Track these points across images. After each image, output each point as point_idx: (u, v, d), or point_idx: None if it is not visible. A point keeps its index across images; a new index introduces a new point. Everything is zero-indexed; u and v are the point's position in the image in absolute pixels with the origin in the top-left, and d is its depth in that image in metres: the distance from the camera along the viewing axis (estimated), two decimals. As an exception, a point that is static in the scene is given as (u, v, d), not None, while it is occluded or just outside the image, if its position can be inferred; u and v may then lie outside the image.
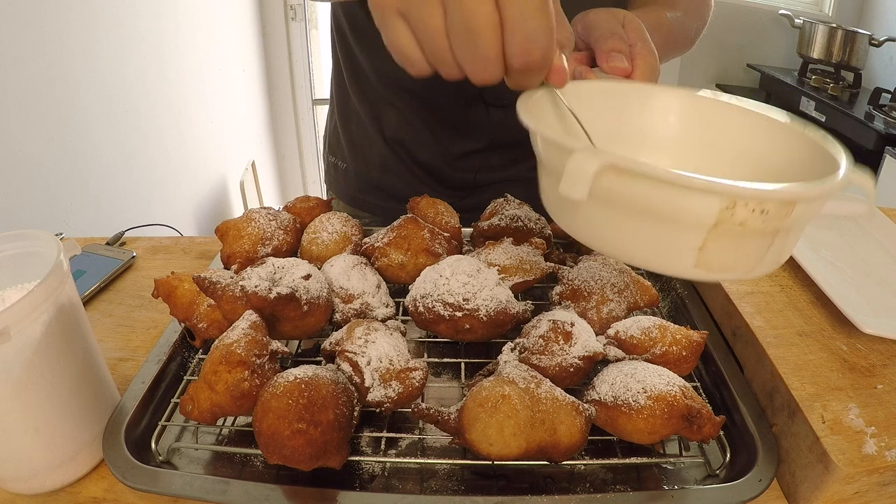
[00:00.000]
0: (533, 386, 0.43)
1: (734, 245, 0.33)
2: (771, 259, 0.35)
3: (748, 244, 0.33)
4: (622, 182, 0.32)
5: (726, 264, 0.34)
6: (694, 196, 0.30)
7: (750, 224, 0.31)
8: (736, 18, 2.38)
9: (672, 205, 0.31)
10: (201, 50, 1.95)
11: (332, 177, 0.92)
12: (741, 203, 0.30)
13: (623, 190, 0.32)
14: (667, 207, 0.31)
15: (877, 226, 0.70)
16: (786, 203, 0.31)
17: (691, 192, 0.30)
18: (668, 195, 0.31)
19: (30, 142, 1.17)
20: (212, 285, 0.49)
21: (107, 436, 0.44)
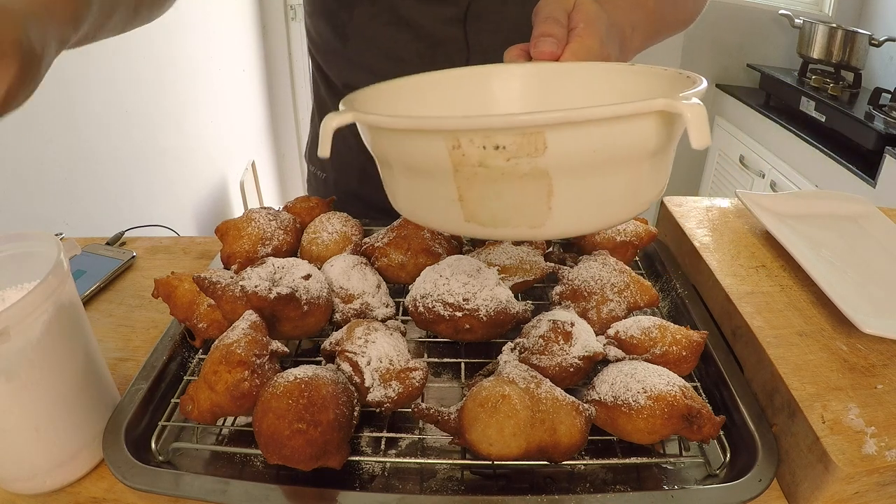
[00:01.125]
0: (533, 386, 0.43)
1: (494, 192, 0.30)
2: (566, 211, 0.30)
3: (512, 190, 0.29)
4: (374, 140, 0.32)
5: (497, 216, 0.30)
6: (418, 139, 0.29)
7: (493, 164, 0.28)
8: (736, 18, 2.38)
9: (409, 153, 0.30)
10: (201, 50, 1.95)
11: (312, 186, 0.92)
12: (465, 140, 0.28)
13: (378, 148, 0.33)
14: (407, 157, 0.30)
15: (877, 226, 0.70)
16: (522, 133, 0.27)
17: (414, 135, 0.29)
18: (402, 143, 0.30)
19: (30, 142, 1.17)
20: (212, 285, 0.49)
21: (107, 436, 0.44)
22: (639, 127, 0.29)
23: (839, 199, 0.74)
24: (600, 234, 0.64)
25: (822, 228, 0.68)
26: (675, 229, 0.70)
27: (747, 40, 2.43)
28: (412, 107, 0.42)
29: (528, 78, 0.45)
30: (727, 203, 0.75)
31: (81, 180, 1.33)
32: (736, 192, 0.71)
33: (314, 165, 0.90)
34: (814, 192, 1.02)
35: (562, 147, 0.27)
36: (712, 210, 0.73)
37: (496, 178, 0.29)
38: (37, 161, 1.19)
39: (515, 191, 0.29)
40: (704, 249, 0.64)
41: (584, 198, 0.30)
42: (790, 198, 0.73)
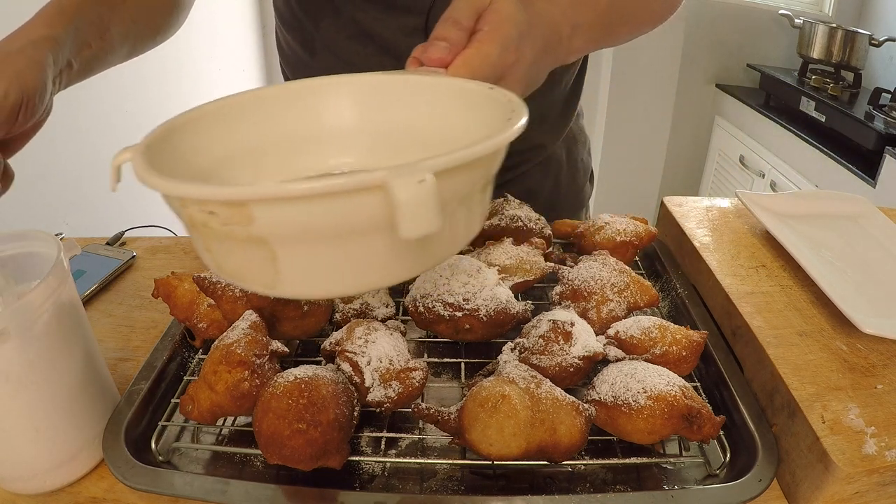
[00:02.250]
0: (533, 386, 0.43)
1: (226, 249, 0.30)
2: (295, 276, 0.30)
3: (239, 251, 0.29)
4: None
5: (237, 271, 0.31)
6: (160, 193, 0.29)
7: (213, 226, 0.28)
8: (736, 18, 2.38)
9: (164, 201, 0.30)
10: (201, 50, 1.95)
11: None
12: (189, 203, 0.28)
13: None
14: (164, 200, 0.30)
15: (877, 226, 0.70)
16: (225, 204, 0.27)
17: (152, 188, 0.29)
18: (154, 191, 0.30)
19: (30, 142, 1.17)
20: (212, 285, 0.49)
21: (107, 436, 0.44)
22: (358, 202, 0.26)
23: (839, 199, 0.74)
24: (600, 234, 0.64)
25: (822, 228, 0.68)
26: (675, 229, 0.70)
27: (747, 40, 2.43)
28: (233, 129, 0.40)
29: (366, 95, 0.41)
30: (727, 203, 0.75)
31: (81, 180, 1.33)
32: (736, 192, 0.71)
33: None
34: (814, 192, 1.02)
35: (270, 219, 0.27)
36: (712, 210, 0.73)
37: (222, 239, 0.29)
38: (37, 161, 1.19)
39: (242, 252, 0.29)
40: (704, 249, 0.64)
41: (315, 265, 0.29)
42: (790, 198, 0.73)
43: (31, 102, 0.46)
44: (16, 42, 0.49)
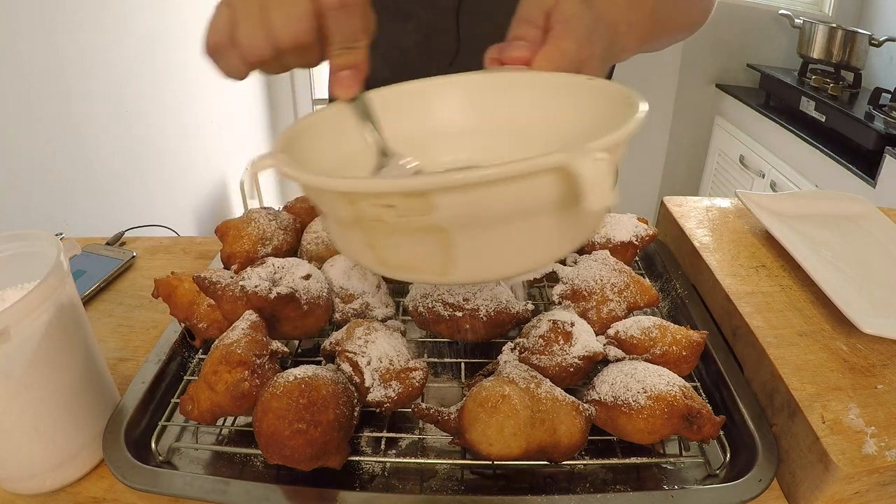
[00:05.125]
0: (533, 386, 0.43)
1: (397, 242, 0.30)
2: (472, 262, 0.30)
3: (413, 242, 0.30)
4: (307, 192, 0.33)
5: (406, 263, 0.31)
6: (322, 192, 0.30)
7: (388, 219, 0.28)
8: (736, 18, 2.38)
9: (324, 203, 0.31)
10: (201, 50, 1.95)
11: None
12: (360, 198, 0.29)
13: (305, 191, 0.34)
14: (324, 205, 0.32)
15: (877, 226, 0.70)
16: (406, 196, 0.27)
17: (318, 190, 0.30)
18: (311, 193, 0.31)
19: (30, 142, 1.17)
20: (212, 285, 0.49)
21: (107, 436, 0.44)
22: (535, 184, 0.28)
23: (839, 199, 0.74)
24: (600, 233, 0.64)
25: (822, 228, 0.68)
26: (675, 229, 0.70)
27: (747, 40, 2.43)
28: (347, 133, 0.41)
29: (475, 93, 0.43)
30: (727, 203, 0.75)
31: (81, 180, 1.33)
32: (736, 192, 0.71)
33: None
34: (814, 192, 1.02)
35: (451, 207, 0.27)
36: (712, 210, 0.73)
37: (394, 232, 0.30)
38: (37, 161, 1.19)
39: (415, 243, 0.30)
40: (704, 249, 0.64)
41: (490, 248, 0.30)
42: (790, 198, 0.73)
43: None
44: None
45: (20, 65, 1.13)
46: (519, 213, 0.29)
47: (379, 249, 0.31)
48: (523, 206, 0.29)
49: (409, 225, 0.29)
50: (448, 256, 0.30)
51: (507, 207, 0.28)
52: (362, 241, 0.32)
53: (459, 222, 0.28)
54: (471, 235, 0.29)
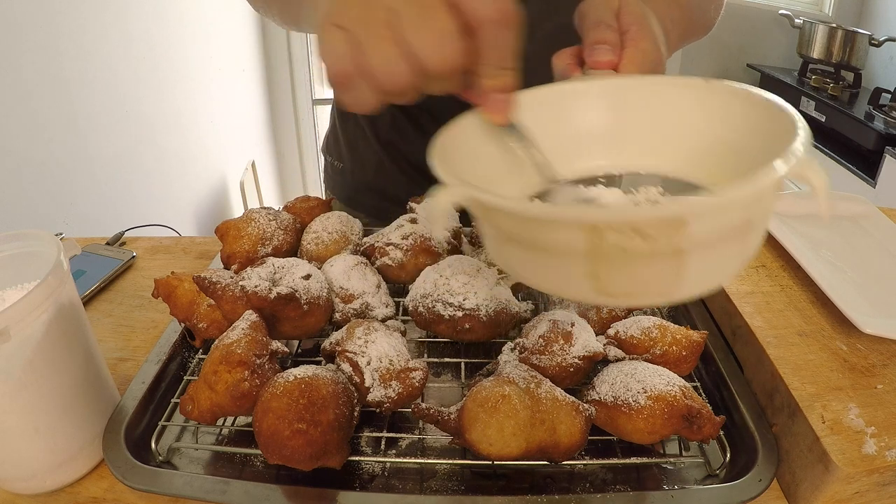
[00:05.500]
0: (533, 386, 0.43)
1: (629, 269, 0.29)
2: (700, 277, 0.30)
3: (647, 268, 0.29)
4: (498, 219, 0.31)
5: (630, 291, 0.30)
6: (553, 226, 0.28)
7: (633, 247, 0.28)
8: (736, 18, 2.38)
9: (541, 236, 0.29)
10: (201, 50, 1.95)
11: (329, 176, 0.93)
12: (607, 228, 0.27)
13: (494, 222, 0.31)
14: (538, 239, 0.30)
15: (877, 226, 0.70)
16: (666, 223, 0.27)
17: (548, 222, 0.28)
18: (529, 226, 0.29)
19: (30, 142, 1.17)
20: (212, 285, 0.49)
21: (107, 436, 0.44)
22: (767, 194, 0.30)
23: (839, 199, 0.74)
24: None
25: (822, 228, 0.68)
26: (676, 229, 0.70)
27: (747, 40, 2.43)
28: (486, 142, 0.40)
29: (611, 98, 0.42)
30: (727, 203, 0.75)
31: (81, 180, 1.33)
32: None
33: (331, 156, 0.91)
34: (814, 192, 1.02)
35: (701, 227, 0.28)
36: (712, 210, 0.73)
37: (634, 260, 0.29)
38: (37, 161, 1.19)
39: (651, 269, 0.29)
40: (704, 249, 0.64)
41: (713, 264, 0.31)
42: (790, 198, 0.73)
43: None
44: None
45: (21, 65, 1.13)
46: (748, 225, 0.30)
47: (604, 279, 0.30)
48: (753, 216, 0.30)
49: (652, 251, 0.28)
50: (678, 276, 0.30)
51: (742, 220, 0.29)
52: (582, 272, 0.30)
53: (700, 242, 0.28)
54: (703, 253, 0.29)
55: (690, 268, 0.29)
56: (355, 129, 0.84)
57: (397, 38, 0.32)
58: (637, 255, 0.28)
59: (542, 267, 0.32)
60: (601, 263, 0.29)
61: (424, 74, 0.33)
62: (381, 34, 0.32)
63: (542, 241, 0.30)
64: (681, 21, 0.54)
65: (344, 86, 0.34)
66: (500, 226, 0.32)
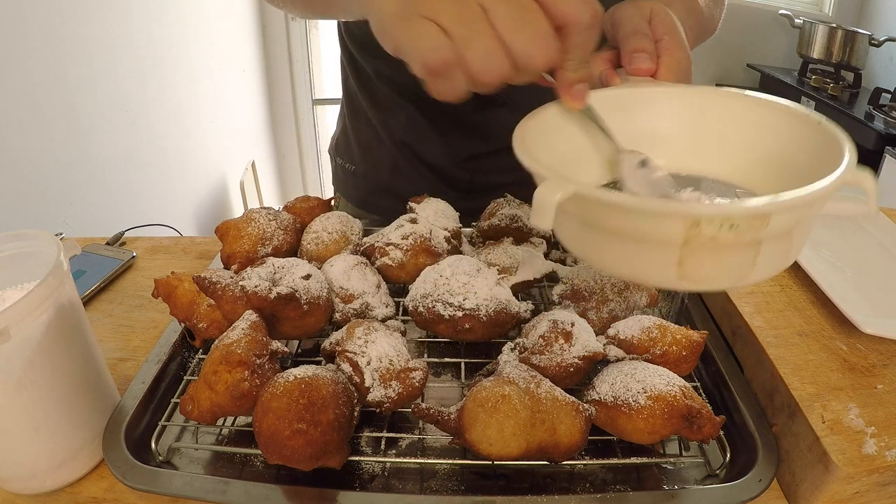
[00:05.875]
0: (533, 386, 0.43)
1: (713, 258, 0.33)
2: (766, 265, 0.35)
3: (729, 256, 0.33)
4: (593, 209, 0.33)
5: (711, 275, 0.34)
6: (659, 218, 0.31)
7: (722, 239, 0.31)
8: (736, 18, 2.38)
9: (640, 227, 0.32)
10: (201, 50, 1.95)
11: (339, 178, 0.92)
12: (706, 221, 0.31)
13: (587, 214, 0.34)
14: (636, 230, 0.33)
15: (877, 226, 0.70)
16: (756, 217, 0.31)
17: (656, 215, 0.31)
18: (636, 219, 0.32)
19: (29, 142, 1.17)
20: (212, 285, 0.49)
21: (107, 436, 0.44)
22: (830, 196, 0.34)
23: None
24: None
25: (822, 228, 0.68)
26: (676, 229, 0.70)
27: (747, 40, 2.43)
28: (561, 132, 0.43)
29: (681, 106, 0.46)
30: (727, 203, 0.75)
31: (81, 180, 1.33)
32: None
33: (342, 158, 0.90)
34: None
35: (780, 221, 0.32)
36: (712, 210, 0.73)
37: (720, 249, 0.32)
38: (37, 161, 1.19)
39: (732, 256, 0.33)
40: (704, 249, 0.64)
41: (779, 254, 0.35)
42: (790, 198, 0.73)
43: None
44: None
45: (21, 65, 1.13)
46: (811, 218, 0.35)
47: (688, 266, 0.33)
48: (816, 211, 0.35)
49: (738, 241, 0.32)
50: (752, 264, 0.34)
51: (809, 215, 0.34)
52: (670, 260, 0.33)
53: (776, 234, 0.32)
54: (775, 244, 0.34)
55: (762, 256, 0.33)
56: (368, 130, 0.84)
57: (496, 35, 0.34)
58: (723, 246, 0.32)
59: (630, 255, 0.35)
60: (691, 252, 0.32)
61: (520, 70, 0.35)
62: (482, 30, 0.34)
63: (642, 231, 0.33)
64: (695, 28, 0.57)
65: (440, 75, 0.36)
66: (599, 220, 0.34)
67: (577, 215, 0.35)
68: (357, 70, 0.81)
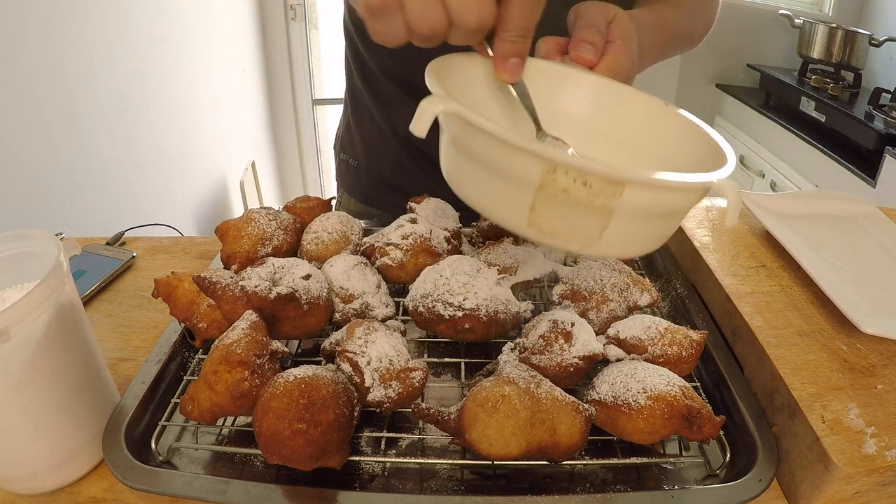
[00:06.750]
0: (533, 386, 0.43)
1: (563, 212, 0.34)
2: (613, 242, 0.36)
3: (578, 215, 0.34)
4: (467, 130, 0.35)
5: (557, 230, 0.35)
6: (519, 155, 0.33)
7: (574, 193, 0.33)
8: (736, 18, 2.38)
9: (503, 160, 0.34)
10: (201, 50, 1.95)
11: (343, 174, 0.92)
12: (561, 170, 0.32)
13: (467, 140, 0.36)
14: (499, 162, 0.34)
15: (877, 226, 0.70)
16: (608, 180, 0.32)
17: (517, 150, 0.33)
18: (500, 151, 0.34)
19: (29, 142, 1.17)
20: (212, 285, 0.49)
21: (107, 436, 0.44)
22: (692, 194, 0.36)
23: (839, 199, 0.74)
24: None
25: (823, 228, 0.68)
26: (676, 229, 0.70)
27: (747, 40, 2.43)
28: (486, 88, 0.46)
29: (596, 92, 0.49)
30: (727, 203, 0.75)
31: (81, 180, 1.33)
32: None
33: (346, 154, 0.91)
34: (814, 193, 1.02)
35: (634, 197, 0.33)
36: (712, 210, 0.73)
37: (571, 204, 0.34)
38: (37, 161, 1.19)
39: (581, 217, 0.34)
40: (704, 249, 0.64)
41: (629, 234, 0.36)
42: (790, 198, 0.73)
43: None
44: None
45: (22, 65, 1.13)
46: (666, 213, 0.37)
47: (539, 213, 0.35)
48: (672, 208, 0.37)
49: (589, 203, 0.33)
50: (599, 234, 0.35)
51: (665, 206, 0.36)
52: (524, 202, 0.35)
53: (627, 210, 0.34)
54: (625, 222, 0.35)
55: (611, 230, 0.35)
56: (371, 126, 0.85)
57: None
58: (575, 202, 0.33)
59: (491, 190, 0.37)
60: (544, 199, 0.34)
61: (454, 26, 0.37)
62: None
63: (505, 165, 0.34)
64: (662, 46, 0.60)
65: (379, 14, 0.38)
66: (469, 145, 0.36)
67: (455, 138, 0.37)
68: (361, 65, 0.81)
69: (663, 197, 0.35)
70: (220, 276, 0.50)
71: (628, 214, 0.34)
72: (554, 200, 0.34)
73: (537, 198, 0.34)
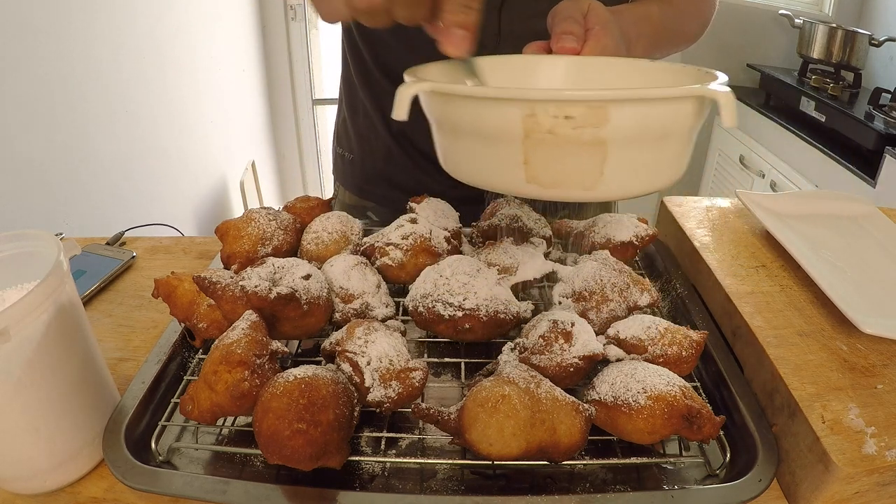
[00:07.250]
0: (533, 386, 0.43)
1: (557, 157, 0.34)
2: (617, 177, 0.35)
3: (572, 155, 0.34)
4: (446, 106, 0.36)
5: (557, 178, 0.35)
6: (495, 107, 0.33)
7: (561, 132, 0.32)
8: (736, 18, 2.38)
9: (483, 119, 0.34)
10: (201, 50, 1.95)
11: (339, 168, 0.93)
12: (540, 109, 0.32)
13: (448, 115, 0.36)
14: (481, 123, 0.34)
15: (877, 226, 0.70)
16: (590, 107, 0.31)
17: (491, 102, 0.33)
18: (477, 110, 0.34)
19: (30, 142, 1.17)
20: (212, 285, 0.49)
21: (107, 436, 0.44)
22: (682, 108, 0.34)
23: (839, 199, 0.74)
24: (600, 234, 0.64)
25: (823, 228, 0.68)
26: (675, 229, 0.70)
27: (747, 40, 2.42)
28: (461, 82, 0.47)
29: (571, 68, 0.50)
30: (727, 203, 0.75)
31: (81, 180, 1.33)
32: (736, 192, 0.71)
33: (342, 147, 0.92)
34: (814, 192, 1.02)
35: (621, 120, 0.32)
36: (712, 210, 0.73)
37: (561, 144, 0.33)
38: (37, 161, 1.19)
39: (576, 156, 0.34)
40: (704, 249, 0.64)
41: (632, 166, 0.35)
42: (790, 198, 0.73)
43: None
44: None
45: (22, 65, 1.13)
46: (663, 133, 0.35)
47: (534, 166, 0.34)
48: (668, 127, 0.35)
49: (578, 138, 0.32)
50: (599, 171, 0.34)
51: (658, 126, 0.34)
52: (517, 158, 0.34)
53: (620, 137, 0.33)
54: (623, 152, 0.34)
55: (610, 164, 0.34)
56: (365, 119, 0.85)
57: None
58: (564, 142, 0.33)
59: (483, 158, 0.37)
60: (533, 148, 0.34)
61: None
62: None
63: (487, 127, 0.34)
64: (650, 35, 0.61)
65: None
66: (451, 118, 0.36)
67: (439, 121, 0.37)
68: (356, 56, 0.82)
69: (652, 113, 0.33)
70: (220, 276, 0.50)
71: (622, 142, 0.33)
72: (543, 146, 0.33)
73: (527, 148, 0.34)
